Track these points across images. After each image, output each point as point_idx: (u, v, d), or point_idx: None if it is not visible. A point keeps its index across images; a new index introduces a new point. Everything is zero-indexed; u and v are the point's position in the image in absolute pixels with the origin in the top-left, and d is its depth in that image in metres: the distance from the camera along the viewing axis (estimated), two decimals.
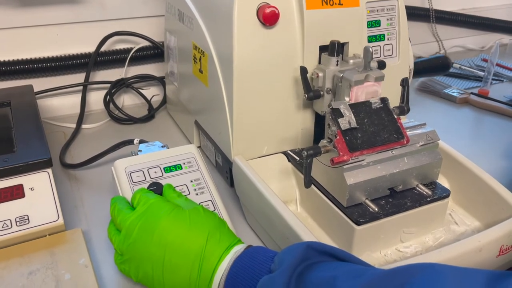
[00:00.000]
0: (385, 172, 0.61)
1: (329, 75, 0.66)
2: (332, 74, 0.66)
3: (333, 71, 0.66)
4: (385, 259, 0.61)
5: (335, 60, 0.66)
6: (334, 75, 0.66)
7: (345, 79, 0.63)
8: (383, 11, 0.75)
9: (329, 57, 0.67)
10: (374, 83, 0.63)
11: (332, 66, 0.67)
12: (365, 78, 0.62)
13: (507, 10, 1.55)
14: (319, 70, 0.68)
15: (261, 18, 0.65)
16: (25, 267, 0.60)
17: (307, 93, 0.67)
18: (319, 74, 0.67)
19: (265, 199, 0.63)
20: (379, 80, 0.63)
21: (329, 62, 0.67)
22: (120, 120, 1.01)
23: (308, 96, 0.67)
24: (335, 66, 0.67)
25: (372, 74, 0.62)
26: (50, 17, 1.00)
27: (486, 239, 0.57)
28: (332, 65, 0.67)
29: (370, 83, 0.63)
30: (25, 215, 0.64)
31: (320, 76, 0.67)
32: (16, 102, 0.83)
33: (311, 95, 0.67)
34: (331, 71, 0.66)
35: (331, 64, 0.67)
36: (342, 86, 0.64)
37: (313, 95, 0.67)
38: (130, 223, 0.54)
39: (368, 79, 0.63)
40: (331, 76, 0.66)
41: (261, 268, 0.47)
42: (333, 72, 0.66)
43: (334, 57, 0.66)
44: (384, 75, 0.63)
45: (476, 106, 1.11)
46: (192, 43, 0.80)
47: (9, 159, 0.66)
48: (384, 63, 0.68)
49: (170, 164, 0.69)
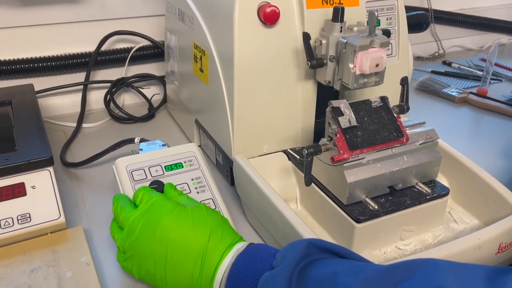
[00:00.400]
0: (385, 170, 0.62)
1: (332, 42, 0.64)
2: (336, 41, 0.64)
3: (337, 37, 0.64)
4: (385, 257, 0.62)
5: (339, 26, 0.64)
6: (337, 42, 0.64)
7: (349, 45, 0.61)
8: (382, 10, 0.76)
9: (333, 23, 0.64)
10: (379, 49, 0.61)
11: (335, 32, 0.64)
12: (370, 43, 0.61)
13: (506, 10, 1.56)
14: (322, 37, 0.65)
15: (262, 17, 0.66)
16: (27, 265, 0.60)
17: (310, 61, 0.64)
18: (322, 41, 0.65)
19: (266, 197, 0.63)
20: (385, 46, 0.61)
21: (332, 28, 0.64)
22: (120, 119, 1.02)
23: (311, 64, 0.65)
24: (338, 33, 0.64)
25: (377, 39, 0.61)
26: (51, 16, 1.00)
27: (486, 237, 0.58)
28: (335, 31, 0.64)
29: (375, 49, 0.61)
30: (27, 213, 0.64)
31: (323, 43, 0.65)
32: (17, 101, 0.83)
33: (314, 63, 0.65)
34: (335, 37, 0.64)
35: (335, 31, 0.64)
36: (346, 53, 0.62)
37: (316, 63, 0.65)
38: (132, 220, 0.54)
39: (373, 45, 0.61)
40: (334, 43, 0.64)
41: (263, 264, 0.47)
42: (337, 39, 0.64)
43: (338, 23, 0.64)
44: (389, 41, 0.61)
45: (475, 106, 1.11)
46: (192, 42, 0.81)
47: (10, 158, 0.67)
48: (389, 32, 0.66)
49: (171, 162, 0.70)
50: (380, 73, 0.65)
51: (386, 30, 0.67)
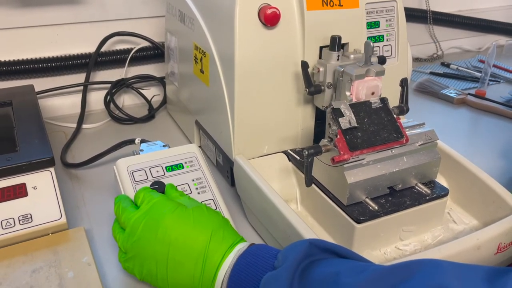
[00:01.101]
0: (385, 171, 0.62)
1: (330, 69, 0.66)
2: (333, 69, 0.66)
3: (334, 65, 0.66)
4: (385, 257, 0.62)
5: (336, 55, 0.66)
6: (335, 70, 0.66)
7: (346, 74, 0.63)
8: (382, 12, 0.76)
9: (330, 52, 0.67)
10: (375, 78, 0.63)
11: (333, 60, 0.67)
12: (366, 72, 0.62)
13: (504, 12, 1.57)
14: (320, 65, 0.67)
15: (262, 19, 0.66)
16: (29, 265, 0.60)
17: (308, 88, 0.67)
18: (320, 68, 0.67)
19: (266, 197, 0.63)
20: (380, 74, 0.63)
21: (330, 57, 0.67)
22: (120, 120, 1.02)
23: (309, 91, 0.67)
24: (336, 61, 0.67)
25: (373, 68, 0.62)
26: (51, 17, 1.00)
27: (485, 237, 0.58)
28: (333, 59, 0.67)
29: (371, 78, 0.63)
30: (28, 213, 0.65)
31: (321, 71, 0.67)
32: (17, 101, 0.84)
33: (312, 90, 0.67)
34: (332, 65, 0.66)
35: (332, 59, 0.67)
36: (343, 81, 0.64)
37: (314, 90, 0.67)
38: (134, 221, 0.55)
39: (369, 74, 0.63)
40: (332, 71, 0.66)
41: (265, 265, 0.48)
42: (334, 67, 0.66)
43: (335, 52, 0.66)
44: (384, 70, 0.63)
45: (473, 107, 1.12)
46: (193, 43, 0.81)
47: (12, 158, 0.67)
48: (384, 58, 0.69)
49: (171, 163, 0.70)
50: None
51: (382, 57, 0.69)
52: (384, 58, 0.69)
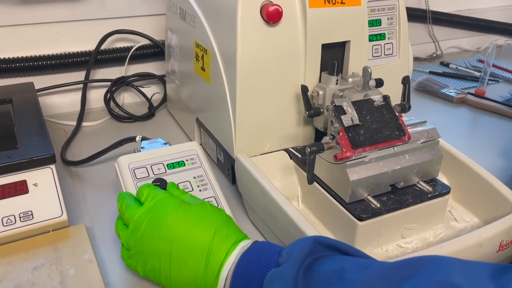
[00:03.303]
0: (387, 169, 0.62)
1: (329, 93, 0.69)
2: (332, 93, 0.69)
3: (333, 89, 0.69)
4: (386, 255, 0.62)
5: (335, 79, 0.69)
6: (334, 94, 0.69)
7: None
8: (384, 10, 0.76)
9: (329, 76, 0.69)
10: None
11: (332, 84, 0.69)
12: (363, 97, 0.65)
13: (502, 12, 1.57)
14: (319, 88, 0.70)
15: (265, 16, 0.66)
16: (30, 262, 0.60)
17: (307, 111, 0.69)
18: (319, 92, 0.70)
19: (268, 195, 0.63)
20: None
21: (329, 80, 0.69)
22: (120, 118, 1.02)
23: (308, 114, 0.69)
24: (334, 85, 0.69)
25: (371, 93, 0.65)
26: (50, 15, 1.00)
27: (487, 235, 0.58)
28: (332, 83, 0.69)
29: None
30: (29, 210, 0.64)
31: (320, 94, 0.69)
32: (17, 99, 0.83)
33: (311, 112, 0.69)
34: (331, 89, 0.69)
35: (331, 83, 0.69)
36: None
37: (313, 113, 0.69)
38: (138, 217, 0.55)
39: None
40: (331, 95, 0.69)
41: (269, 262, 0.47)
42: (333, 91, 0.69)
43: (334, 76, 0.69)
44: (382, 94, 0.65)
45: (473, 106, 1.12)
46: (194, 41, 0.81)
47: (13, 155, 0.66)
48: (382, 81, 0.71)
49: (173, 160, 0.70)
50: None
51: (379, 79, 0.71)
52: (382, 81, 0.71)
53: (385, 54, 0.77)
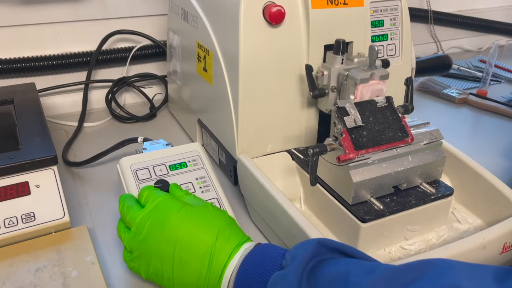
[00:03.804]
0: (390, 170, 0.62)
1: (334, 73, 0.67)
2: (337, 73, 0.67)
3: (338, 69, 0.67)
4: (389, 257, 0.62)
5: (340, 59, 0.67)
6: (339, 74, 0.67)
7: (350, 78, 0.64)
8: (386, 11, 0.76)
9: (334, 56, 0.67)
10: (379, 82, 0.63)
11: (337, 64, 0.67)
12: (370, 76, 0.63)
13: (504, 12, 1.57)
14: (324, 68, 0.68)
15: (267, 17, 0.66)
16: (32, 264, 0.60)
17: (312, 91, 0.67)
18: (324, 72, 0.68)
19: (271, 196, 0.63)
20: (384, 78, 0.63)
21: (334, 60, 0.67)
22: (122, 118, 1.01)
23: (313, 94, 0.67)
24: (340, 65, 0.67)
25: (377, 72, 0.63)
26: (52, 15, 1.00)
27: (490, 236, 0.58)
28: (337, 63, 0.67)
29: (375, 81, 0.63)
30: (31, 212, 0.64)
31: (325, 75, 0.68)
32: (19, 99, 0.83)
33: (316, 93, 0.67)
34: (336, 69, 0.67)
35: (336, 63, 0.67)
36: (347, 85, 0.64)
37: (318, 93, 0.67)
38: (140, 220, 0.54)
39: (373, 78, 0.63)
40: (336, 75, 0.67)
41: (272, 264, 0.47)
42: (338, 71, 0.67)
43: (340, 55, 0.67)
44: (388, 74, 0.63)
45: (475, 106, 1.12)
46: (196, 42, 0.81)
47: (14, 156, 0.66)
48: (388, 62, 0.69)
49: (175, 162, 0.69)
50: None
51: (385, 60, 0.69)
52: (388, 62, 0.69)
53: (387, 55, 0.77)
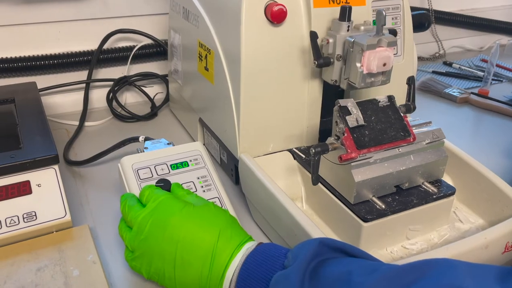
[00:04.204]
0: (392, 170, 0.62)
1: (339, 40, 0.64)
2: (343, 40, 0.64)
3: (344, 36, 0.64)
4: (391, 256, 0.62)
5: (346, 26, 0.64)
6: (345, 41, 0.64)
7: (357, 44, 0.61)
8: (388, 10, 0.76)
9: (340, 22, 0.64)
10: (387, 48, 0.61)
11: (343, 31, 0.64)
12: (377, 43, 0.61)
13: (505, 11, 1.56)
14: (330, 36, 0.65)
15: (269, 16, 0.66)
16: (33, 263, 0.60)
17: (316, 60, 0.64)
18: (329, 40, 0.64)
19: (272, 196, 0.63)
20: (392, 45, 0.61)
21: (339, 27, 0.64)
22: (123, 118, 1.01)
23: (317, 63, 0.65)
24: (346, 32, 0.64)
25: (385, 39, 0.61)
26: (53, 14, 1.00)
27: (492, 236, 0.58)
28: (343, 30, 0.64)
29: (383, 48, 0.61)
30: (33, 211, 0.64)
31: (330, 42, 0.64)
32: (20, 98, 0.83)
33: (321, 62, 0.65)
34: (342, 36, 0.64)
35: (342, 30, 0.64)
36: (353, 52, 0.62)
37: (323, 62, 0.65)
38: (141, 219, 0.54)
39: (381, 44, 0.61)
40: (341, 42, 0.64)
41: (274, 264, 0.47)
42: (344, 38, 0.64)
43: (345, 22, 0.64)
44: (396, 40, 0.61)
45: (476, 106, 1.12)
46: (197, 41, 0.80)
47: (16, 155, 0.66)
48: (395, 31, 0.66)
49: (176, 161, 0.69)
50: (387, 72, 0.65)
51: (393, 29, 0.67)
52: (395, 31, 0.66)
53: None
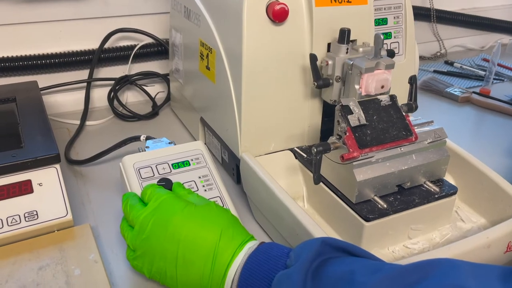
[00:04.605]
0: (393, 169, 0.62)
1: (338, 62, 0.65)
2: (342, 62, 0.65)
3: (343, 58, 0.65)
4: (393, 256, 0.62)
5: (345, 48, 0.65)
6: (344, 63, 0.65)
7: (356, 67, 0.62)
8: (390, 9, 0.76)
9: (339, 45, 0.66)
10: (385, 71, 0.62)
11: (342, 53, 0.66)
12: (375, 65, 0.62)
13: (507, 10, 1.56)
14: (329, 57, 0.66)
15: (271, 15, 0.66)
16: (35, 262, 0.60)
17: (316, 81, 0.66)
18: (328, 61, 0.66)
19: (274, 195, 0.63)
20: (390, 68, 0.62)
21: (338, 49, 0.66)
22: (124, 117, 1.01)
23: (317, 84, 0.66)
24: (345, 54, 0.66)
25: (383, 61, 0.62)
26: (54, 13, 1.00)
27: (495, 235, 0.58)
28: (342, 52, 0.66)
29: (381, 71, 0.62)
30: (34, 210, 0.64)
31: (329, 64, 0.66)
32: (21, 98, 0.83)
33: (320, 83, 0.66)
34: (341, 58, 0.65)
35: (341, 52, 0.66)
36: (352, 74, 0.63)
37: (322, 83, 0.66)
38: (143, 218, 0.54)
39: (379, 67, 0.62)
40: (340, 64, 0.65)
41: (277, 263, 0.47)
42: (343, 60, 0.65)
43: (344, 44, 0.65)
44: (394, 63, 0.62)
45: (478, 105, 1.12)
46: (199, 40, 0.80)
47: (17, 155, 0.66)
48: (393, 52, 0.68)
49: (178, 160, 0.69)
50: (385, 94, 0.65)
51: (391, 50, 0.68)
52: (393, 52, 0.68)
53: None
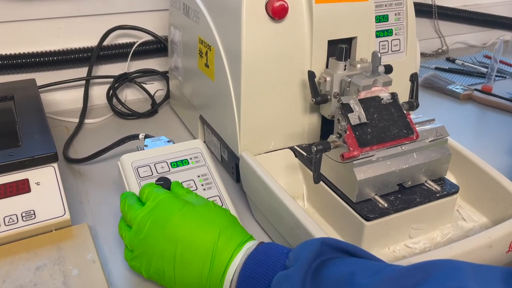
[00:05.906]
0: (394, 168, 0.61)
1: (336, 79, 0.67)
2: (340, 79, 0.67)
3: (341, 75, 0.67)
4: (394, 255, 0.61)
5: (343, 65, 0.67)
6: (341, 80, 0.66)
7: (353, 84, 0.63)
8: (391, 6, 0.75)
9: (337, 62, 0.67)
10: (382, 88, 0.63)
11: (339, 70, 0.67)
12: (373, 83, 0.63)
13: (509, 7, 1.55)
14: (327, 74, 0.68)
15: (270, 12, 0.65)
16: (32, 262, 0.59)
17: (314, 98, 0.67)
18: (326, 78, 0.67)
19: (273, 194, 0.62)
20: (387, 85, 0.63)
21: (336, 66, 0.67)
22: (123, 115, 1.01)
23: (315, 101, 0.67)
24: (342, 71, 0.67)
25: (380, 79, 0.63)
26: (52, 10, 0.99)
27: (497, 235, 0.57)
28: (339, 69, 0.67)
29: (378, 88, 0.63)
30: (31, 210, 0.64)
31: (327, 81, 0.67)
32: (19, 96, 0.82)
33: (318, 99, 0.67)
34: (339, 75, 0.67)
35: (339, 69, 0.67)
36: (350, 91, 0.64)
37: (320, 100, 0.67)
38: (141, 218, 0.54)
39: (376, 84, 0.63)
40: (338, 81, 0.67)
41: (276, 264, 0.47)
42: (341, 77, 0.66)
43: (342, 61, 0.67)
44: (391, 80, 0.63)
45: (480, 103, 1.11)
46: (198, 37, 0.80)
47: (14, 153, 0.66)
48: (391, 67, 0.69)
49: (177, 159, 0.69)
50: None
51: (388, 65, 0.68)
52: (391, 67, 0.69)
53: (392, 50, 0.76)
